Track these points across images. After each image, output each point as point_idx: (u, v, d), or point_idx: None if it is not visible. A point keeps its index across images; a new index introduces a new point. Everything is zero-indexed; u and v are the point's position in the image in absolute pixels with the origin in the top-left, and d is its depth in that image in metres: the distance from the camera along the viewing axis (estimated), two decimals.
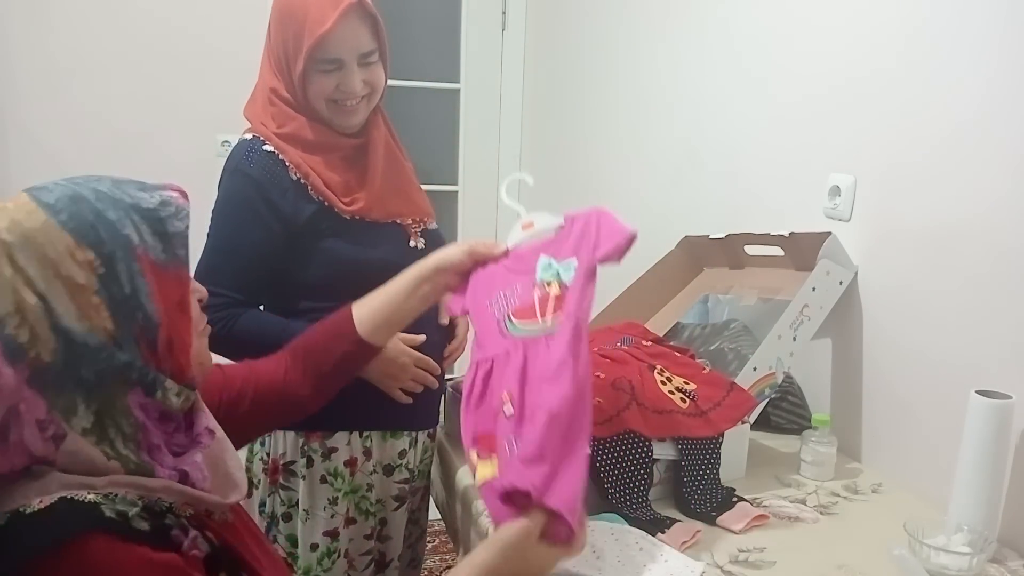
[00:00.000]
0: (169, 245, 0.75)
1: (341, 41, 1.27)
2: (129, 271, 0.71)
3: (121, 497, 0.70)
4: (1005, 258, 1.22)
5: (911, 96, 1.37)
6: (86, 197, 0.72)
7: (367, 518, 1.41)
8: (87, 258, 0.70)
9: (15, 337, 0.68)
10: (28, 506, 0.67)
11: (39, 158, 2.48)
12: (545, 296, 1.07)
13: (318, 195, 1.31)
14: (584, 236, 1.08)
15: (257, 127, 1.32)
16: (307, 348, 1.13)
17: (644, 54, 2.27)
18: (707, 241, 1.72)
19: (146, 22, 2.53)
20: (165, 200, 0.76)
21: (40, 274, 0.69)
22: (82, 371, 0.70)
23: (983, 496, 1.14)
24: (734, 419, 1.32)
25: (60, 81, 2.48)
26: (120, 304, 0.71)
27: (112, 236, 0.71)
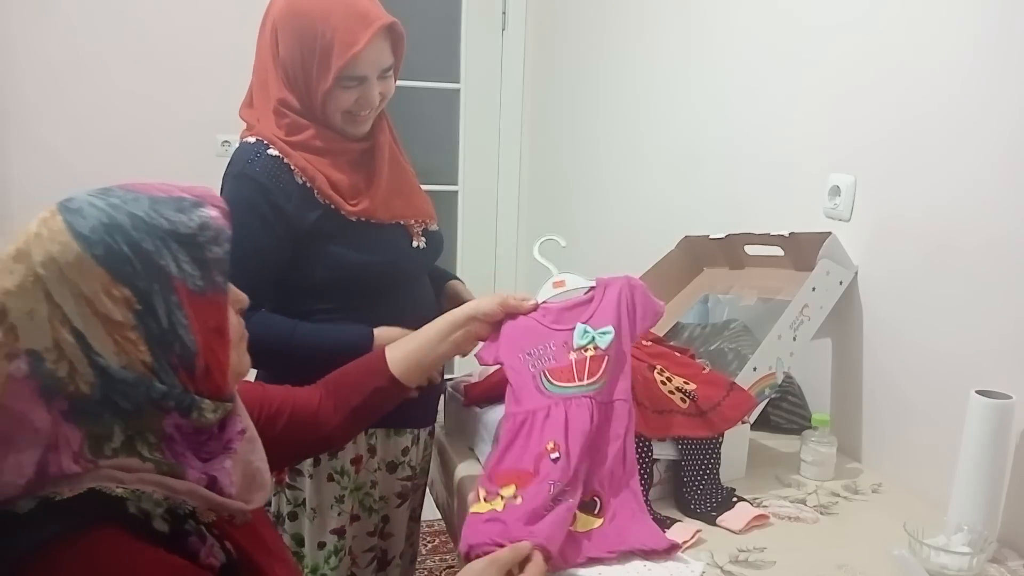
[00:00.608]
0: (207, 272, 0.74)
1: (368, 60, 1.28)
2: (167, 305, 0.71)
3: (147, 496, 0.70)
4: (1005, 258, 1.22)
5: (911, 96, 1.37)
6: (122, 225, 0.70)
7: (370, 515, 1.43)
8: (123, 295, 0.69)
9: (54, 371, 0.68)
10: (58, 494, 0.67)
11: (40, 158, 2.48)
12: (582, 359, 1.18)
13: (323, 198, 1.31)
14: (620, 307, 1.21)
15: (261, 131, 1.31)
16: (340, 382, 1.15)
17: (644, 54, 2.27)
18: (707, 241, 1.72)
19: (147, 22, 2.53)
20: (204, 223, 0.74)
21: (76, 311, 0.68)
22: (120, 402, 0.69)
23: (983, 496, 1.14)
24: (734, 419, 1.32)
25: (61, 81, 2.48)
26: (157, 337, 0.70)
27: (149, 270, 0.70)
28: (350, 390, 1.15)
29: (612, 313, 1.22)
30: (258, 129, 1.32)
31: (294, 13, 1.27)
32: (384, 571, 1.51)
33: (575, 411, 1.14)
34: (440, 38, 3.03)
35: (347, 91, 1.29)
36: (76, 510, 0.67)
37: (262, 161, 1.28)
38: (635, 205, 2.31)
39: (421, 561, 2.55)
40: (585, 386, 1.16)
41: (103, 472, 0.69)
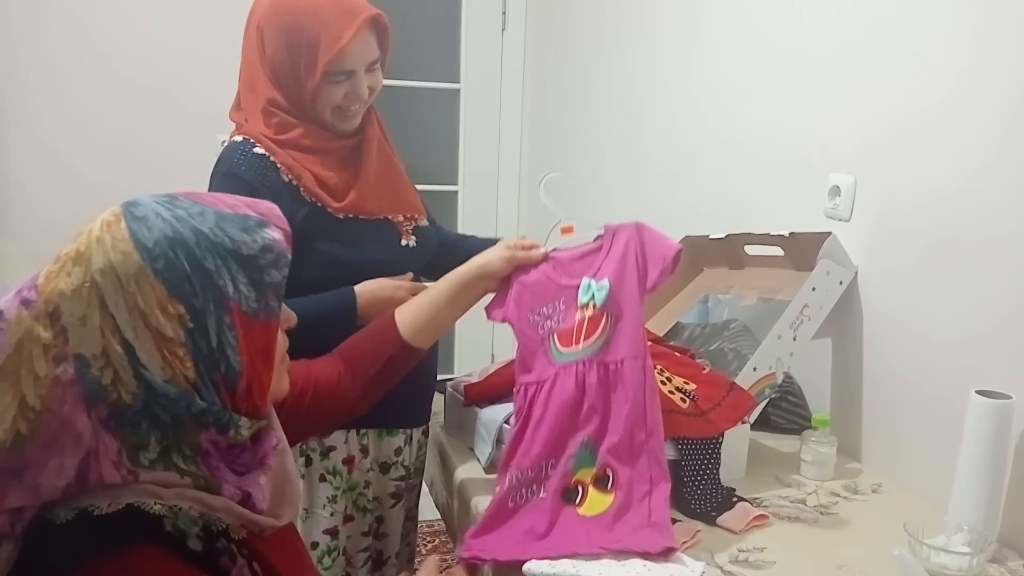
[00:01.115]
0: (263, 295, 0.73)
1: (355, 54, 1.27)
2: (218, 324, 0.70)
3: (184, 512, 0.70)
4: (1005, 258, 1.22)
5: (911, 96, 1.37)
6: (185, 240, 0.69)
7: (364, 515, 1.43)
8: (178, 311, 0.68)
9: (99, 378, 0.67)
10: (97, 507, 0.67)
11: (40, 158, 2.48)
12: (582, 320, 1.12)
13: (310, 196, 1.30)
14: (626, 257, 1.14)
15: (248, 129, 1.31)
16: (355, 353, 1.15)
17: (644, 54, 2.27)
18: (707, 241, 1.72)
19: (146, 22, 2.53)
20: (267, 245, 0.73)
21: (129, 322, 0.67)
22: (159, 414, 0.69)
23: (983, 496, 1.14)
24: (734, 419, 1.32)
25: (61, 81, 2.48)
26: (205, 356, 0.70)
27: (206, 289, 0.70)
28: (366, 360, 1.14)
29: (616, 266, 1.15)
30: (245, 128, 1.32)
31: (279, 11, 1.27)
32: (380, 571, 1.51)
33: (560, 383, 1.10)
34: (440, 38, 3.04)
35: (336, 86, 1.29)
36: (114, 525, 0.67)
37: (248, 159, 1.28)
38: (635, 205, 2.31)
39: (421, 561, 2.55)
40: (581, 350, 1.11)
41: (142, 487, 0.69)
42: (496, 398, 1.44)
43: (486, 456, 1.39)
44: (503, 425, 1.37)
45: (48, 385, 0.66)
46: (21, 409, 0.66)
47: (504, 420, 1.37)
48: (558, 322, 1.16)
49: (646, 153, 2.28)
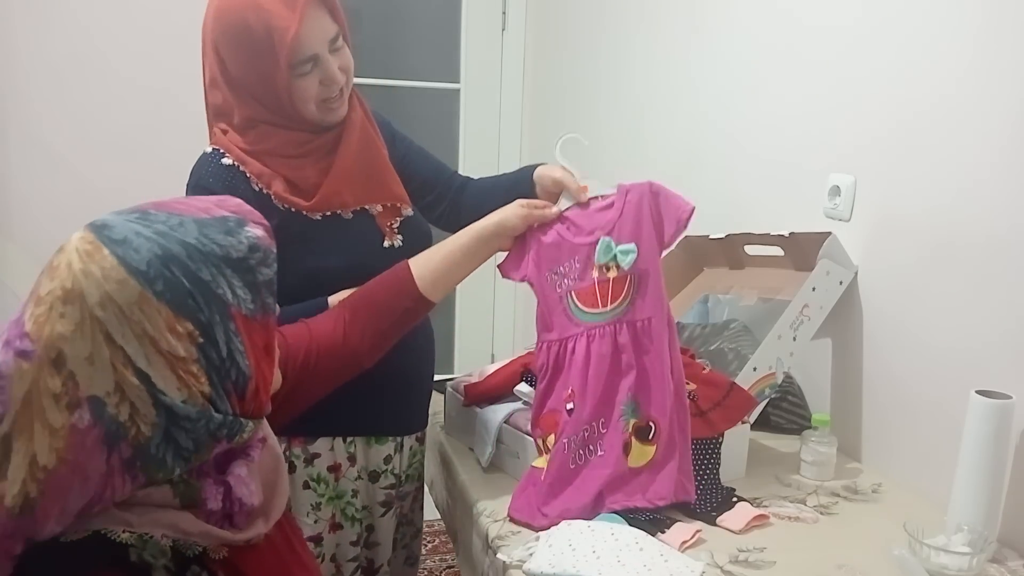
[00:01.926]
0: (258, 295, 0.73)
1: (311, 37, 1.21)
2: (226, 333, 0.69)
3: (153, 543, 0.68)
4: (1005, 257, 1.22)
5: (911, 96, 1.37)
6: (177, 256, 0.67)
7: (352, 524, 1.39)
8: (187, 330, 0.67)
9: (116, 416, 0.65)
10: (63, 534, 0.66)
11: (40, 158, 2.48)
12: (605, 280, 1.19)
13: (282, 203, 1.26)
14: (641, 217, 1.19)
15: (219, 140, 1.27)
16: (366, 305, 1.14)
17: (644, 54, 2.27)
18: (707, 241, 1.72)
19: (147, 22, 2.53)
20: (253, 245, 0.73)
21: (139, 351, 0.65)
22: (180, 440, 0.68)
23: (983, 496, 1.14)
24: (734, 419, 1.32)
25: (61, 81, 2.48)
26: (217, 367, 0.69)
27: (209, 301, 0.68)
28: (378, 313, 1.14)
29: (633, 226, 1.20)
30: (218, 139, 1.27)
31: (225, 21, 1.21)
32: None
33: (597, 346, 1.18)
34: (440, 38, 3.03)
35: (306, 78, 1.23)
36: (78, 553, 0.66)
37: (215, 170, 1.24)
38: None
39: (421, 561, 2.55)
40: (609, 312, 1.19)
41: (114, 514, 0.68)
42: (496, 398, 1.44)
43: (486, 456, 1.39)
44: (503, 425, 1.37)
45: (64, 436, 0.63)
46: (31, 470, 0.63)
47: (504, 420, 1.37)
48: (575, 280, 1.21)
49: (646, 153, 2.28)
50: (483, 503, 1.28)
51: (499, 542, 1.16)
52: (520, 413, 1.37)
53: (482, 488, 1.34)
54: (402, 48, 2.99)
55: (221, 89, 1.26)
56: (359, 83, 1.37)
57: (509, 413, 1.38)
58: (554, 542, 1.10)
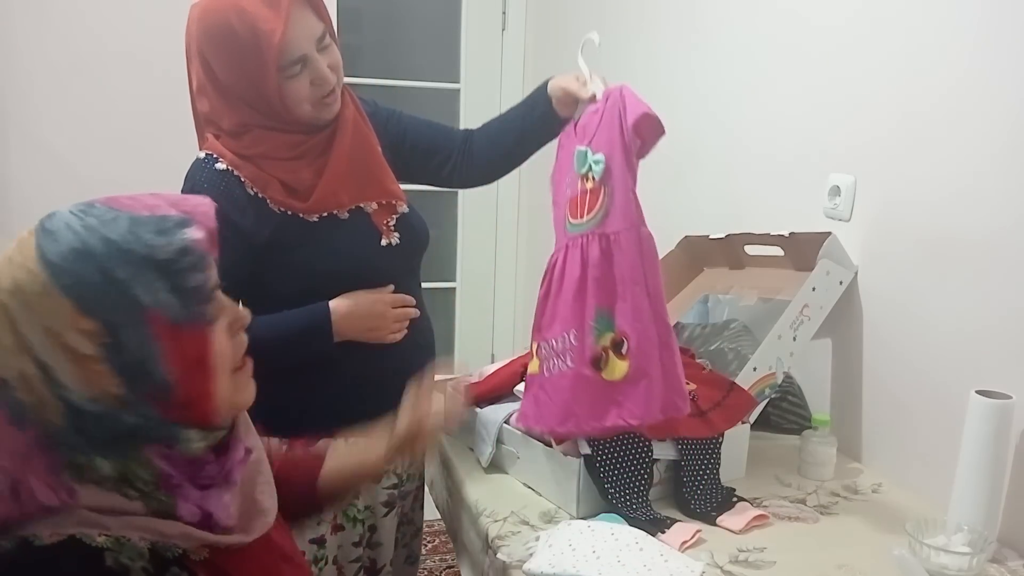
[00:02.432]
0: (187, 301, 0.67)
1: (297, 38, 1.20)
2: (138, 337, 0.66)
3: (130, 545, 0.67)
4: (1005, 258, 1.22)
5: (911, 95, 1.37)
6: (93, 252, 0.65)
7: (355, 525, 1.39)
8: (91, 327, 0.64)
9: (23, 401, 0.65)
10: (38, 537, 0.65)
11: (40, 158, 2.48)
12: (584, 191, 1.18)
13: (277, 207, 1.25)
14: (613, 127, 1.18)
15: (212, 145, 1.26)
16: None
17: (643, 54, 2.27)
18: (707, 241, 1.72)
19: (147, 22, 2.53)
20: (184, 247, 0.67)
21: (41, 343, 0.64)
22: (93, 432, 0.66)
23: (983, 496, 1.14)
24: (734, 419, 1.33)
25: (61, 81, 2.48)
26: (129, 370, 0.66)
27: (119, 302, 0.65)
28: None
29: (608, 134, 1.19)
30: (210, 143, 1.26)
31: (211, 30, 1.20)
32: None
33: (571, 257, 1.19)
34: (440, 38, 3.03)
35: (296, 80, 1.22)
36: (53, 557, 0.65)
37: (209, 176, 1.23)
38: None
39: (421, 561, 2.55)
40: (585, 223, 1.18)
41: (88, 516, 0.67)
42: (496, 398, 1.44)
43: (486, 456, 1.39)
44: (503, 425, 1.37)
45: None
46: None
47: (504, 420, 1.37)
48: (571, 189, 1.22)
49: None
50: (483, 503, 1.28)
51: (499, 542, 1.16)
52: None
53: (482, 488, 1.34)
54: (402, 48, 2.99)
55: (209, 96, 1.25)
56: (360, 83, 1.36)
57: (509, 413, 1.38)
58: (554, 542, 1.10)
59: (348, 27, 1.29)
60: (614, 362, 1.15)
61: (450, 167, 1.51)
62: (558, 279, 1.21)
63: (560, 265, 1.21)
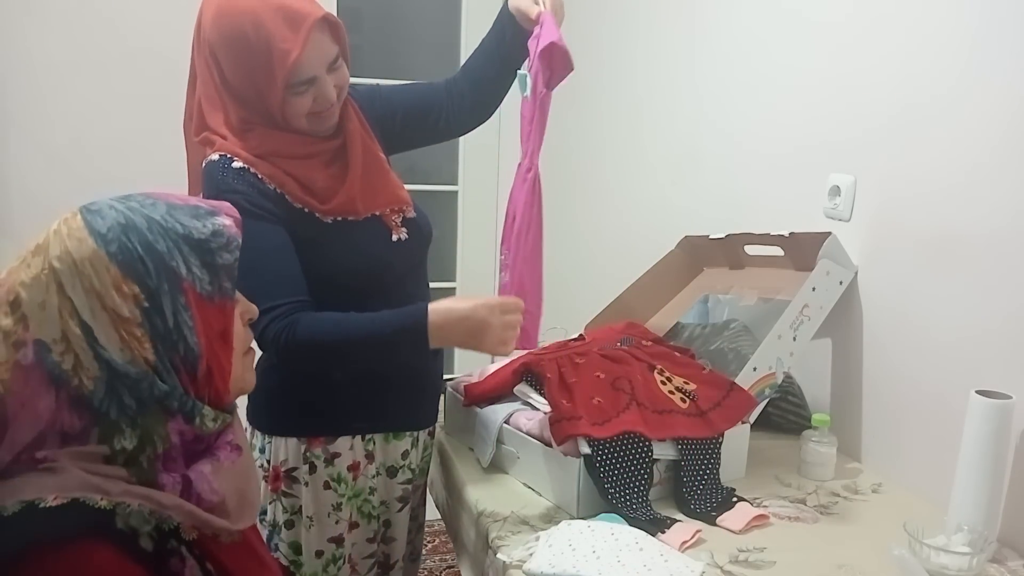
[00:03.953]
0: (216, 277, 0.76)
1: (311, 60, 1.21)
2: (174, 305, 0.73)
3: (135, 511, 0.70)
4: (1005, 258, 1.22)
5: (912, 96, 1.37)
6: (138, 226, 0.73)
7: (370, 521, 1.41)
8: (133, 291, 0.71)
9: (60, 363, 0.70)
10: (43, 500, 0.68)
11: (40, 158, 2.48)
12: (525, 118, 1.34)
13: (296, 202, 1.27)
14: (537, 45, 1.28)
15: (223, 145, 1.26)
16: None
17: (644, 53, 2.27)
18: (707, 241, 1.72)
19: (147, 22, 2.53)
20: (217, 230, 0.77)
21: (86, 304, 0.70)
22: (124, 398, 0.71)
23: (983, 496, 1.14)
24: (734, 419, 1.32)
25: (61, 81, 2.48)
26: (163, 336, 0.72)
27: (159, 269, 0.73)
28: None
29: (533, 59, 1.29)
30: (221, 144, 1.27)
31: (225, 32, 1.20)
32: (387, 575, 1.49)
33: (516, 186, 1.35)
34: (440, 38, 3.03)
35: (301, 96, 1.23)
36: (61, 520, 0.67)
37: (232, 174, 1.24)
38: (635, 205, 2.31)
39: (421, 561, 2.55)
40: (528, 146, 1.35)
41: (88, 480, 0.69)
42: (496, 398, 1.44)
43: (486, 456, 1.39)
44: (503, 425, 1.37)
45: (9, 368, 0.69)
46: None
47: (504, 420, 1.37)
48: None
49: (646, 153, 2.28)
50: (483, 503, 1.28)
51: (499, 542, 1.17)
52: (520, 413, 1.37)
53: (482, 488, 1.34)
54: (402, 48, 2.99)
55: (215, 87, 1.26)
56: (360, 83, 1.36)
57: (509, 413, 1.38)
58: (554, 542, 1.10)
59: (348, 27, 1.28)
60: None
61: (444, 119, 1.53)
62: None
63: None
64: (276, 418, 1.36)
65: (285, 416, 1.36)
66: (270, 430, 1.36)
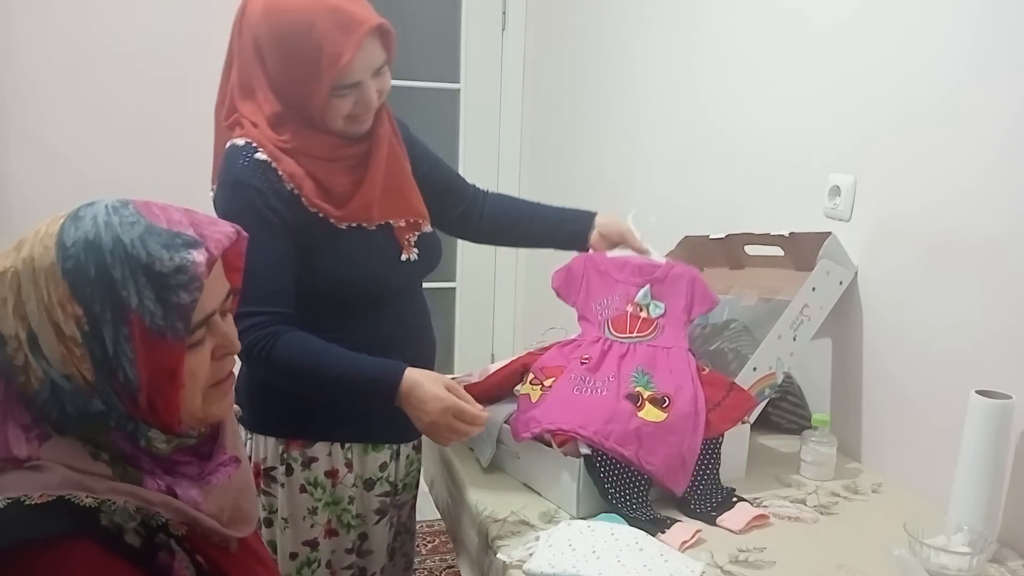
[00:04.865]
0: (169, 314, 0.72)
1: (359, 66, 1.21)
2: (115, 334, 0.71)
3: (120, 508, 0.70)
4: (1005, 258, 1.22)
5: (912, 96, 1.37)
6: (102, 247, 0.71)
7: (348, 531, 1.39)
8: (76, 312, 0.71)
9: (12, 359, 0.72)
10: (28, 497, 0.68)
11: (40, 158, 2.48)
12: (636, 316, 1.43)
13: (311, 206, 1.25)
14: (676, 289, 1.43)
15: (251, 132, 1.25)
16: None
17: (644, 54, 2.27)
18: (707, 241, 1.72)
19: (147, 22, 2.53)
20: (182, 266, 0.72)
21: (35, 312, 0.71)
22: (66, 406, 0.72)
23: (983, 496, 1.14)
24: (734, 419, 1.32)
25: (61, 81, 2.48)
26: (100, 361, 0.72)
27: (106, 296, 0.71)
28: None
29: (669, 291, 1.44)
30: (248, 131, 1.25)
31: (274, 26, 1.20)
32: None
33: (615, 346, 1.39)
34: (440, 38, 3.03)
35: (343, 99, 1.23)
36: (46, 517, 0.68)
37: (252, 165, 1.23)
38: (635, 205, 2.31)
39: (421, 561, 2.55)
40: (633, 337, 1.40)
41: (72, 478, 0.70)
42: (496, 398, 1.44)
43: (486, 456, 1.39)
44: (503, 425, 1.37)
45: None
46: None
47: (504, 420, 1.37)
48: (612, 309, 1.45)
49: (646, 154, 2.28)
50: (483, 503, 1.28)
51: (499, 542, 1.17)
52: None
53: (482, 488, 1.34)
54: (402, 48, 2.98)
55: (256, 77, 1.25)
56: None
57: (509, 413, 1.37)
58: (554, 542, 1.10)
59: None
60: (650, 408, 1.27)
61: (460, 212, 1.55)
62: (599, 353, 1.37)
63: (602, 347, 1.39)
64: (257, 416, 1.35)
65: (265, 415, 1.35)
66: (251, 427, 1.35)
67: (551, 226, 1.58)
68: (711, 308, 1.44)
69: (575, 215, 1.59)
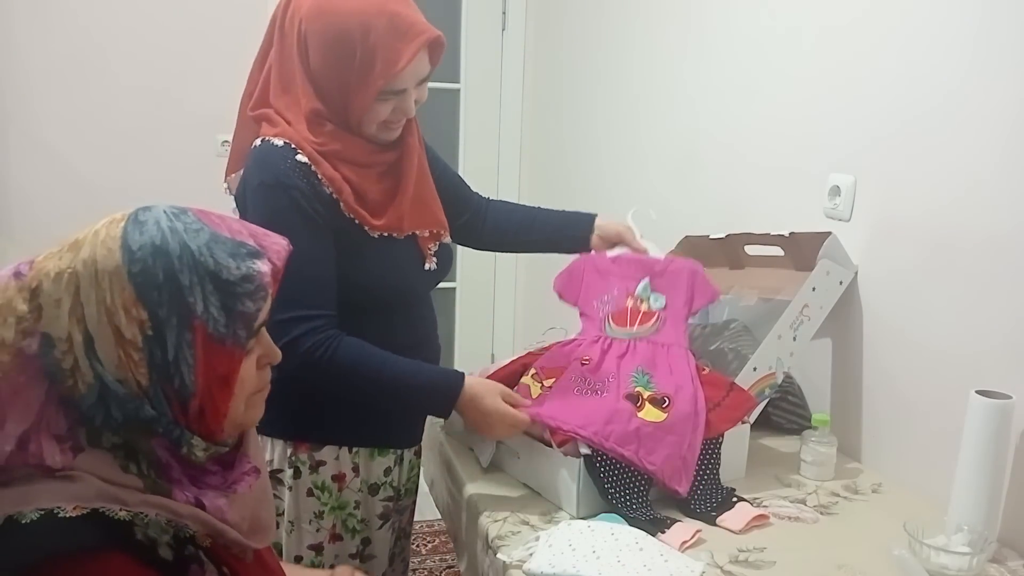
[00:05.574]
0: (232, 322, 0.73)
1: (409, 75, 1.22)
2: (178, 340, 0.71)
3: (153, 521, 0.70)
4: (1005, 257, 1.22)
5: (911, 96, 1.37)
6: (170, 252, 0.71)
7: (352, 536, 1.39)
8: (141, 316, 0.70)
9: (60, 362, 0.70)
10: (62, 509, 0.67)
11: (40, 158, 2.48)
12: (636, 310, 1.43)
13: (349, 212, 1.25)
14: (677, 282, 1.44)
15: (287, 132, 1.24)
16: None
17: (644, 54, 2.27)
18: (707, 241, 1.72)
19: (147, 22, 2.54)
20: (248, 275, 0.74)
21: (94, 315, 0.70)
22: (112, 410, 0.71)
23: (983, 496, 1.14)
24: (734, 419, 1.32)
25: (61, 81, 2.48)
26: (159, 366, 0.71)
27: (173, 302, 0.71)
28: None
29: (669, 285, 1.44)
30: (284, 129, 1.24)
31: (326, 24, 1.19)
32: None
33: (615, 344, 1.40)
34: None
35: (384, 104, 1.23)
36: (81, 530, 0.67)
37: (292, 167, 1.22)
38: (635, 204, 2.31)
39: (421, 561, 2.55)
40: (634, 331, 1.40)
41: (106, 490, 0.69)
42: None
43: (486, 456, 1.39)
44: None
45: (12, 353, 0.70)
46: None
47: None
48: (612, 304, 1.46)
49: (646, 153, 2.28)
50: (483, 503, 1.28)
51: (499, 542, 1.17)
52: None
53: (482, 488, 1.34)
54: None
55: (296, 72, 1.24)
56: None
57: None
58: (554, 542, 1.10)
59: None
60: (650, 408, 1.27)
61: (464, 221, 1.55)
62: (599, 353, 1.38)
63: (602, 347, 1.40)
64: (266, 418, 1.34)
65: (274, 417, 1.34)
66: (259, 429, 1.35)
67: (552, 232, 1.58)
68: (712, 300, 1.43)
69: (575, 219, 1.59)
